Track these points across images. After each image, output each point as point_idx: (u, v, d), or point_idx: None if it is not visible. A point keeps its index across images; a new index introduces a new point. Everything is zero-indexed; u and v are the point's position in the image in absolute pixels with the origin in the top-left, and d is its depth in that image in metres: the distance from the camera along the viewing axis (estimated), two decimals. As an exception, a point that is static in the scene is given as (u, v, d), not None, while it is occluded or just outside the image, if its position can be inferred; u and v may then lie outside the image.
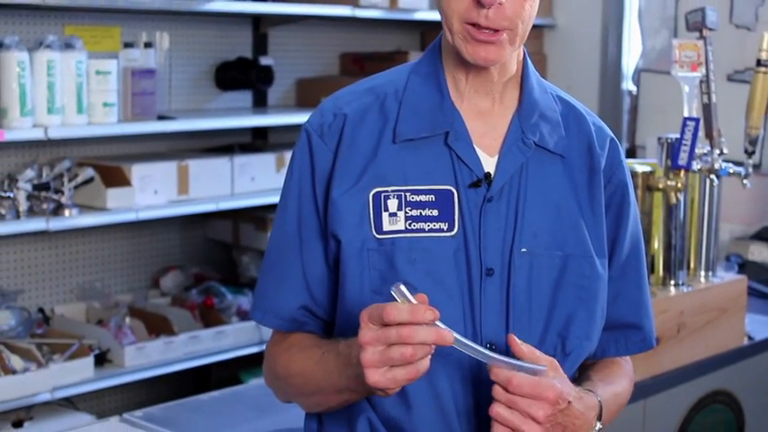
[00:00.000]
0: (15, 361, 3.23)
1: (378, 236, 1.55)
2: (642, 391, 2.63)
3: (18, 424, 3.30)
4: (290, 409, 2.50)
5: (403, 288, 1.38)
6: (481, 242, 1.56)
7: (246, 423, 2.42)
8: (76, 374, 3.36)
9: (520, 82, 1.65)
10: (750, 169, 3.05)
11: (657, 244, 2.75)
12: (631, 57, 4.89)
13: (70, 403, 3.48)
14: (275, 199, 3.88)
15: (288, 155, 3.93)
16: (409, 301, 1.38)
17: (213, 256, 4.30)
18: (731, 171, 2.98)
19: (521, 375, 1.46)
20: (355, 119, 1.60)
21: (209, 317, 3.84)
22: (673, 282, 2.78)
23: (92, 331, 3.58)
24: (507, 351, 1.52)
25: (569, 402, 1.51)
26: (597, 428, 1.59)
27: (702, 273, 2.93)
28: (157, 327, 3.69)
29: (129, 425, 2.41)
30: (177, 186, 3.67)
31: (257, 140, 4.35)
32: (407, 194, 1.57)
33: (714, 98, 3.00)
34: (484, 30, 1.52)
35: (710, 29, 3.00)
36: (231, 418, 2.47)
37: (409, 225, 1.56)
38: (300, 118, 4.12)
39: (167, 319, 3.70)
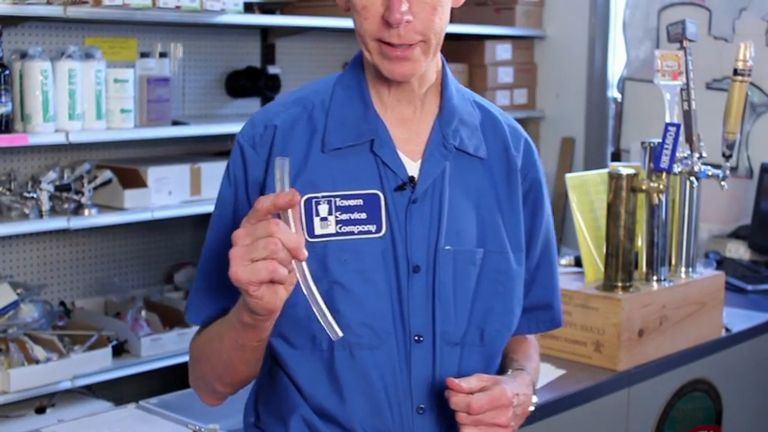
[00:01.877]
0: (38, 351, 3.24)
1: (310, 239, 1.53)
2: (626, 379, 2.64)
3: (41, 410, 3.31)
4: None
5: (286, 163, 1.35)
6: (407, 242, 1.56)
7: (255, 409, 2.42)
8: (95, 364, 3.36)
9: (440, 89, 1.65)
10: (727, 172, 3.05)
11: (641, 242, 2.76)
12: (616, 66, 4.90)
13: (90, 391, 3.49)
14: (282, 199, 3.91)
15: (294, 158, 3.96)
16: (282, 178, 1.34)
17: (224, 253, 4.30)
18: (710, 173, 2.98)
19: (477, 397, 1.49)
20: (285, 129, 1.59)
21: (220, 310, 3.84)
22: (655, 277, 2.78)
23: (110, 323, 3.58)
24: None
25: (517, 394, 1.55)
26: (534, 401, 1.64)
27: (683, 269, 2.93)
28: (171, 319, 3.69)
29: (144, 411, 2.41)
30: (190, 187, 3.67)
31: (265, 144, 4.35)
32: (337, 200, 1.56)
33: (694, 105, 3.00)
34: (397, 47, 1.51)
35: (690, 40, 3.00)
36: (240, 404, 2.46)
37: (340, 228, 1.55)
38: (306, 123, 4.12)
39: (181, 311, 3.70)
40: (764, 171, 4.07)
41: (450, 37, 5.11)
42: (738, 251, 4.08)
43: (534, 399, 1.64)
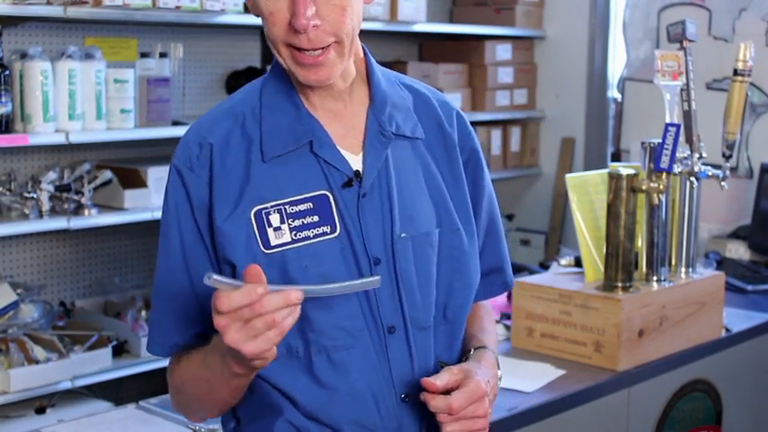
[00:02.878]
0: (38, 351, 3.24)
1: (266, 251, 1.53)
2: (627, 379, 2.64)
3: (41, 410, 3.31)
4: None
5: (216, 277, 1.32)
6: (364, 236, 1.56)
7: (255, 410, 2.41)
8: (96, 364, 3.36)
9: (366, 78, 1.64)
10: (727, 172, 3.05)
11: (641, 242, 2.76)
12: (616, 66, 4.90)
13: (90, 391, 3.49)
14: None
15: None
16: (233, 285, 1.33)
17: (224, 253, 4.30)
18: (710, 174, 2.98)
19: (456, 397, 1.50)
20: (221, 145, 1.57)
21: (221, 310, 3.84)
22: (655, 277, 2.78)
23: (110, 323, 3.59)
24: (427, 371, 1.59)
25: (488, 381, 1.57)
26: (500, 376, 1.67)
27: (683, 269, 2.93)
28: (172, 319, 3.69)
29: (145, 411, 2.41)
30: (190, 188, 3.66)
31: (265, 145, 4.35)
32: (287, 207, 1.54)
33: (694, 105, 3.00)
34: (308, 52, 1.49)
35: (690, 40, 3.01)
36: (241, 405, 2.46)
37: (295, 235, 1.54)
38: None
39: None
40: (764, 171, 4.07)
41: (450, 37, 5.10)
42: (738, 251, 4.08)
43: (499, 374, 1.67)
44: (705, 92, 4.28)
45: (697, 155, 2.96)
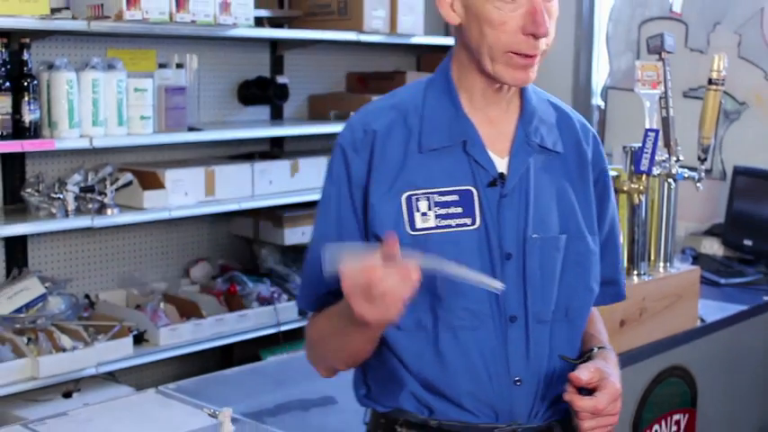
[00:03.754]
0: (65, 340, 3.24)
1: (412, 233, 1.58)
2: (609, 366, 2.64)
3: (68, 395, 3.31)
4: (303, 382, 2.51)
5: (341, 252, 1.42)
6: (500, 232, 1.59)
7: (265, 394, 2.43)
8: (118, 352, 3.37)
9: (519, 92, 1.68)
10: (703, 174, 3.05)
11: (622, 239, 2.76)
12: (600, 76, 4.89)
13: (112, 377, 3.49)
14: (290, 200, 3.92)
15: (301, 161, 3.97)
16: (352, 253, 1.42)
17: (236, 250, 4.30)
18: (686, 175, 2.99)
19: (600, 398, 1.55)
20: (384, 134, 1.62)
21: (233, 302, 3.85)
22: (635, 272, 2.79)
23: (131, 315, 3.59)
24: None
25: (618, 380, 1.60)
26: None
27: (661, 264, 2.94)
28: (188, 311, 3.70)
29: (163, 396, 2.41)
30: (205, 189, 3.67)
31: (274, 149, 4.35)
32: (435, 196, 1.59)
33: (671, 112, 3.00)
34: (530, 57, 1.56)
35: (668, 52, 3.01)
36: (252, 389, 2.47)
37: (439, 222, 1.58)
38: (312, 129, 4.13)
39: (196, 304, 3.71)
40: (737, 173, 4.07)
41: (445, 49, 5.09)
42: (713, 247, 4.08)
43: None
44: (682, 100, 4.28)
45: (674, 158, 2.96)
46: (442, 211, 1.58)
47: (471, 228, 1.58)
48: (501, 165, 1.62)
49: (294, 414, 2.28)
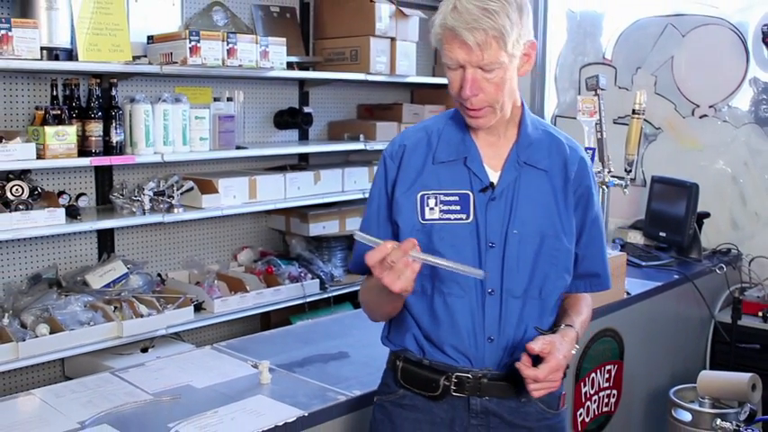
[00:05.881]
0: (143, 309, 3.25)
1: (422, 221, 1.63)
2: (557, 328, 2.64)
3: (144, 350, 3.31)
4: (323, 341, 2.51)
5: (361, 234, 1.49)
6: (487, 227, 1.62)
7: (294, 350, 2.43)
8: (182, 318, 3.37)
9: (518, 122, 1.68)
10: (628, 182, 3.06)
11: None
12: (550, 107, 4.89)
13: (178, 337, 3.50)
14: (314, 201, 3.92)
15: (322, 172, 3.97)
16: (372, 241, 1.48)
17: (272, 240, 4.30)
18: (616, 183, 2.99)
19: (541, 369, 1.54)
20: (411, 148, 1.68)
21: (270, 280, 3.84)
22: (577, 256, 2.78)
23: (192, 289, 3.59)
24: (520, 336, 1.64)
25: (565, 356, 1.58)
26: (574, 351, 1.66)
27: (597, 250, 2.94)
28: (235, 286, 3.70)
29: (216, 351, 2.41)
30: (248, 193, 3.67)
31: (302, 162, 4.35)
32: (441, 196, 1.63)
33: (605, 135, 3.00)
34: (470, 110, 1.59)
35: (602, 89, 3.01)
36: (284, 347, 2.48)
37: (442, 215, 1.62)
38: (330, 147, 4.12)
39: (242, 281, 3.71)
40: (654, 181, 4.07)
41: (433, 86, 5.04)
42: (636, 238, 4.08)
43: (575, 348, 1.65)
44: (612, 125, 4.28)
45: (607, 170, 2.97)
46: (445, 208, 1.62)
47: (466, 222, 1.61)
48: (494, 176, 1.64)
49: (316, 365, 2.28)
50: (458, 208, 1.62)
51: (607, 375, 2.96)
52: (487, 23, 1.51)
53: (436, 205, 1.62)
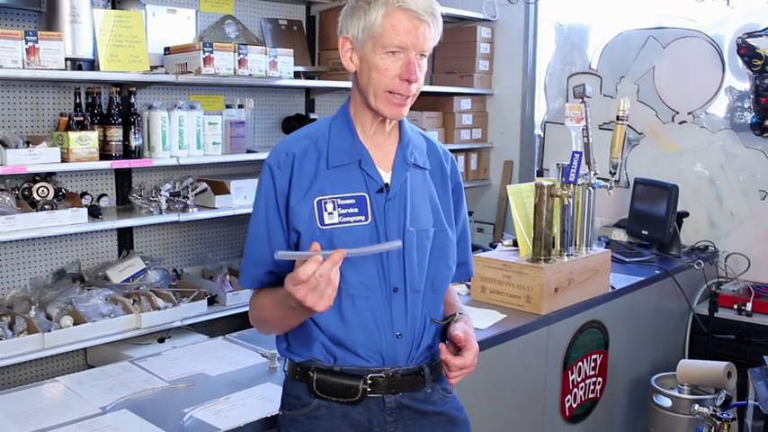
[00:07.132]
0: (159, 301, 3.25)
1: (321, 227, 1.54)
2: (546, 320, 2.65)
3: (161, 340, 3.32)
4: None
5: (282, 252, 1.35)
6: (386, 226, 1.57)
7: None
8: (196, 310, 3.37)
9: (398, 126, 1.66)
10: (613, 183, 3.06)
11: (556, 229, 2.77)
12: (540, 113, 4.89)
13: (193, 328, 3.50)
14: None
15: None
16: (295, 255, 1.37)
17: (281, 237, 4.30)
18: (601, 184, 2.99)
19: (467, 358, 1.54)
20: (300, 155, 1.59)
21: (279, 274, 3.84)
22: (566, 253, 2.78)
23: (206, 283, 3.59)
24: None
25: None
26: None
27: (584, 247, 2.94)
28: (247, 280, 3.69)
29: (229, 342, 2.42)
30: (259, 194, 3.67)
31: (308, 165, 4.35)
32: (338, 200, 1.56)
33: (591, 139, 3.00)
34: (401, 97, 1.54)
35: (588, 97, 3.01)
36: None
37: (341, 219, 1.55)
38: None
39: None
40: (636, 183, 4.07)
41: (430, 94, 5.06)
42: (620, 236, 4.08)
43: None
44: (598, 131, 4.28)
45: (593, 172, 2.97)
46: (344, 211, 1.56)
47: (365, 223, 1.56)
48: (386, 177, 1.60)
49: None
50: (356, 210, 1.55)
51: (593, 364, 2.96)
52: (436, 9, 1.52)
53: (335, 209, 1.55)
